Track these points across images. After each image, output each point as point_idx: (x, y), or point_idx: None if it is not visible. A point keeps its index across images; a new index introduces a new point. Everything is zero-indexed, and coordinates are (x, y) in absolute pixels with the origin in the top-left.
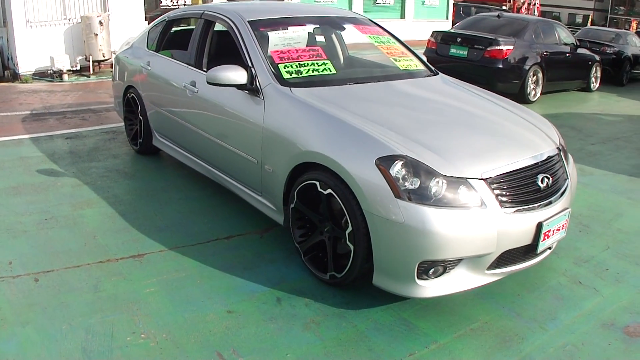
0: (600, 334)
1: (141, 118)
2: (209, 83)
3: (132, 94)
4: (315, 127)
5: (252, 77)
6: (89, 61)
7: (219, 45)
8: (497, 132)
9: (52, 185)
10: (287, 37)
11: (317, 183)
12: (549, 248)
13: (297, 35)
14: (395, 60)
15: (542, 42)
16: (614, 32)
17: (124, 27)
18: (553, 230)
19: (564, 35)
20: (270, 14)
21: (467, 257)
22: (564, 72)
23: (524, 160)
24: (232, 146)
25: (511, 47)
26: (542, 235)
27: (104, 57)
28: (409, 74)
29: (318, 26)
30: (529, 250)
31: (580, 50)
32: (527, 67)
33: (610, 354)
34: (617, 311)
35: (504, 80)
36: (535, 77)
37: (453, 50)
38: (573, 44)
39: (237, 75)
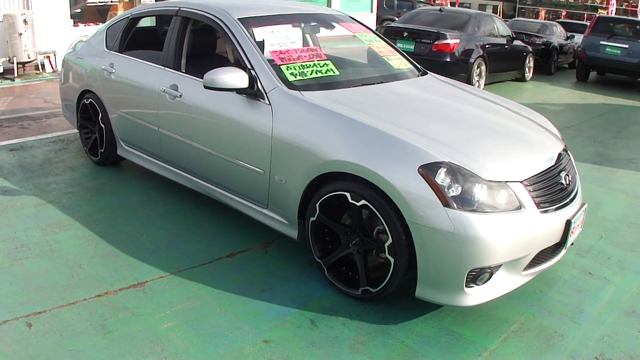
0: (627, 323)
1: (102, 126)
2: (206, 87)
3: (90, 99)
4: (340, 135)
5: (252, 81)
6: (12, 63)
7: (198, 45)
8: (515, 134)
9: (10, 206)
10: (282, 37)
11: (348, 194)
12: (572, 244)
13: (291, 34)
14: (388, 59)
15: (483, 35)
16: (540, 23)
17: (49, 25)
18: (576, 227)
19: (501, 28)
20: (258, 11)
21: (511, 261)
22: (504, 63)
23: (548, 160)
24: (230, 156)
25: (458, 40)
26: (570, 232)
27: (29, 58)
28: (406, 74)
29: (308, 24)
30: (557, 248)
31: (516, 42)
32: (472, 60)
33: None
34: (632, 298)
35: (451, 74)
36: (479, 69)
37: (400, 45)
38: (509, 36)
39: (238, 78)
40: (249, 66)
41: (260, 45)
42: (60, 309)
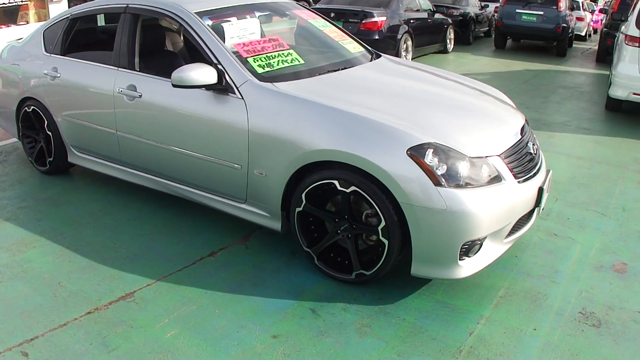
0: (599, 277)
1: (49, 133)
2: (174, 86)
3: (33, 107)
4: (322, 124)
5: (220, 75)
6: None
7: (151, 42)
8: (483, 111)
9: None
10: (241, 28)
11: (336, 182)
12: (542, 209)
13: (250, 25)
14: (343, 44)
15: (406, 10)
16: None
17: None
18: (546, 192)
19: (423, 2)
20: (211, 4)
21: (496, 231)
22: (427, 37)
23: (516, 132)
24: (202, 154)
25: (384, 18)
26: (542, 198)
27: None
28: (364, 58)
29: (263, 14)
30: (530, 214)
31: (437, 15)
32: (399, 36)
33: (617, 291)
34: (597, 254)
35: (380, 50)
36: (405, 44)
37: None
38: (430, 9)
39: (207, 74)
40: (215, 61)
41: (222, 38)
42: (52, 332)
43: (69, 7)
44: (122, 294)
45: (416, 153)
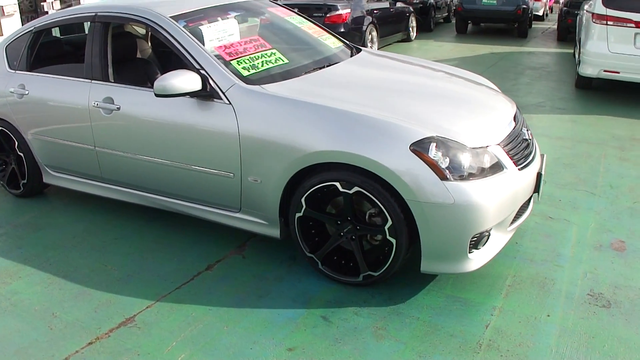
0: (600, 257)
1: (21, 155)
2: (157, 95)
3: (0, 128)
4: (319, 124)
5: (204, 81)
6: None
7: (121, 51)
8: (476, 100)
9: None
10: (219, 30)
11: (337, 184)
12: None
13: (228, 27)
14: (324, 39)
15: (369, 0)
16: None
17: None
18: (543, 177)
19: None
20: (184, 6)
21: (502, 220)
22: (391, 26)
23: (511, 120)
24: (190, 165)
25: (348, 10)
26: (541, 184)
27: None
28: (345, 53)
29: (238, 14)
30: (528, 201)
31: (398, 4)
32: (364, 28)
33: (620, 270)
34: (594, 234)
35: None
36: (370, 35)
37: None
38: None
39: (191, 81)
40: (197, 66)
41: (201, 42)
42: None
43: (21, 21)
44: (122, 320)
45: (419, 148)
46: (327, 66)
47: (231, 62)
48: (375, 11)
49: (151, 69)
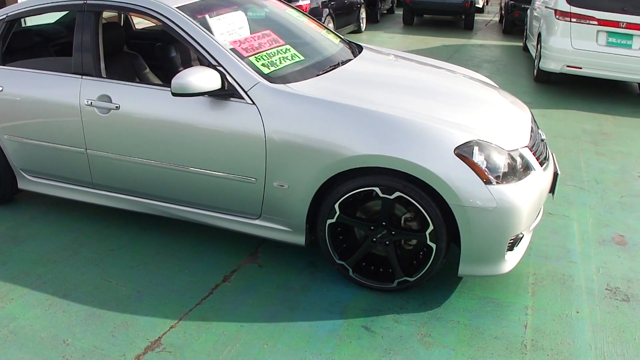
0: (606, 251)
1: None
2: (175, 94)
3: None
4: (357, 128)
5: (223, 79)
6: None
7: (111, 43)
8: (498, 102)
9: None
10: (229, 23)
11: (377, 189)
12: None
13: (237, 20)
14: (326, 35)
15: None
16: None
17: None
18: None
19: None
20: None
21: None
22: (345, 18)
23: (530, 120)
24: (205, 169)
25: (308, 1)
26: (557, 183)
27: None
28: (350, 48)
29: (243, 6)
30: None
31: None
32: (323, 19)
33: (627, 263)
34: (595, 228)
35: None
36: (328, 26)
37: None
38: None
39: (211, 79)
40: (214, 63)
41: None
42: None
43: None
44: (147, 344)
45: (463, 152)
46: (342, 64)
47: (249, 58)
48: (331, 2)
49: (138, 62)
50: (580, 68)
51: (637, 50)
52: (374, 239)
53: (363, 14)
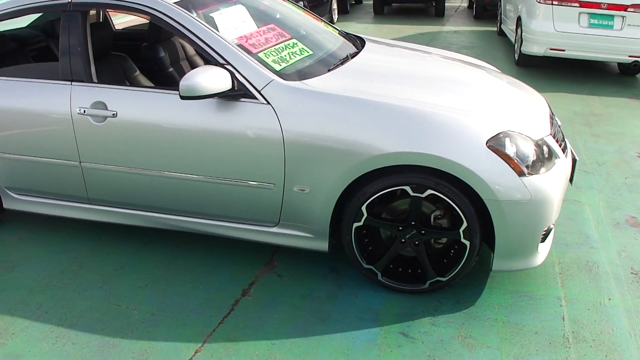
0: (623, 234)
1: None
2: (184, 98)
3: None
4: (384, 125)
5: (232, 79)
6: None
7: (99, 45)
8: (516, 91)
9: None
10: (232, 18)
11: (408, 188)
12: None
13: (240, 14)
14: (326, 27)
15: None
16: None
17: None
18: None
19: None
20: None
21: None
22: (318, 9)
23: (547, 107)
24: (216, 177)
25: None
26: (575, 170)
27: None
28: (351, 40)
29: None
30: None
31: None
32: None
33: None
34: (607, 212)
35: None
36: None
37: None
38: None
39: (221, 78)
40: (221, 61)
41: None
42: None
43: None
44: None
45: (496, 144)
46: (350, 57)
47: (258, 54)
48: None
49: (128, 65)
50: (564, 50)
51: (618, 30)
52: (403, 240)
53: (334, 5)
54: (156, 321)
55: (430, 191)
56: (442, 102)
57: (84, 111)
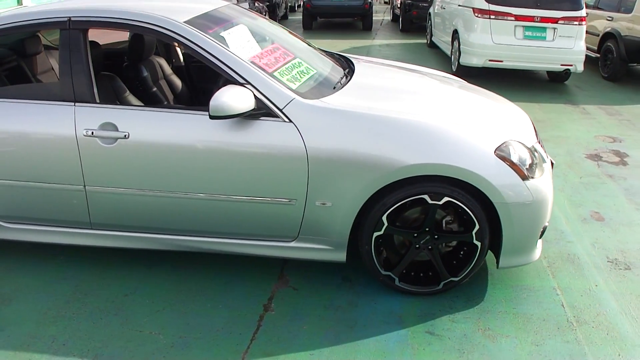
0: (591, 228)
1: None
2: (213, 117)
3: None
4: (403, 139)
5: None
6: None
7: (101, 64)
8: (499, 104)
9: None
10: (237, 37)
11: (426, 196)
12: None
13: (244, 34)
14: (309, 45)
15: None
16: None
17: None
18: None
19: None
20: (185, 12)
21: None
22: None
23: (528, 118)
24: (238, 195)
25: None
26: (552, 171)
27: None
28: (341, 63)
29: (240, 19)
30: None
31: (257, 3)
32: None
33: (613, 236)
34: (572, 209)
35: None
36: None
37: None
38: None
39: (246, 98)
40: (241, 81)
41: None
42: None
43: None
44: None
45: (503, 152)
46: (349, 75)
47: (274, 73)
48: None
49: (117, 85)
50: (502, 61)
51: (550, 41)
52: (417, 245)
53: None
54: (187, 344)
55: (446, 198)
56: (448, 115)
57: (92, 133)
